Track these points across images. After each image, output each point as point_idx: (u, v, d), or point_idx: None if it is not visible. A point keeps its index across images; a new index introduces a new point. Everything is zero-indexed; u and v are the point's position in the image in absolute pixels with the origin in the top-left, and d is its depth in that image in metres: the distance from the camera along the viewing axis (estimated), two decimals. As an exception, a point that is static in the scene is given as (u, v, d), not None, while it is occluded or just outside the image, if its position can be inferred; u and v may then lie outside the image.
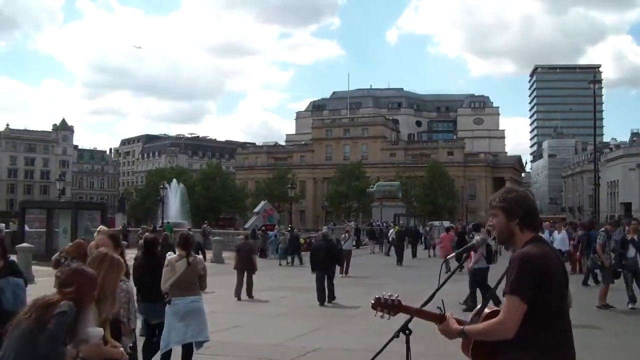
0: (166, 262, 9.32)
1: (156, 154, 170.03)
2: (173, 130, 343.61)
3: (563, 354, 3.93)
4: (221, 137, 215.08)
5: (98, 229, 13.69)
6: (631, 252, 16.88)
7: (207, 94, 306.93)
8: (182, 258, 9.23)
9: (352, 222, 71.42)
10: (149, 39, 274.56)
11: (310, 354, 11.61)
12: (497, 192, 4.26)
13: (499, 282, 4.17)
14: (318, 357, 11.36)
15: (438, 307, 4.09)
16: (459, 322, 4.05)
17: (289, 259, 36.23)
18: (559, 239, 25.53)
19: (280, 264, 35.49)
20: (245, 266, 20.05)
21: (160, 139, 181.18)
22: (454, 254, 4.97)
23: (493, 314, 3.96)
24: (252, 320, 16.01)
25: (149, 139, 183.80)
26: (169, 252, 10.90)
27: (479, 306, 4.16)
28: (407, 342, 4.14)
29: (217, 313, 16.47)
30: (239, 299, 19.43)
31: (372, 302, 4.10)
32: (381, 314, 4.08)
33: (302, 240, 40.48)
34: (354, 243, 38.67)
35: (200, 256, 10.24)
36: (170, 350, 9.26)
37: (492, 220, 4.17)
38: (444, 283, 4.14)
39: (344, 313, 14.68)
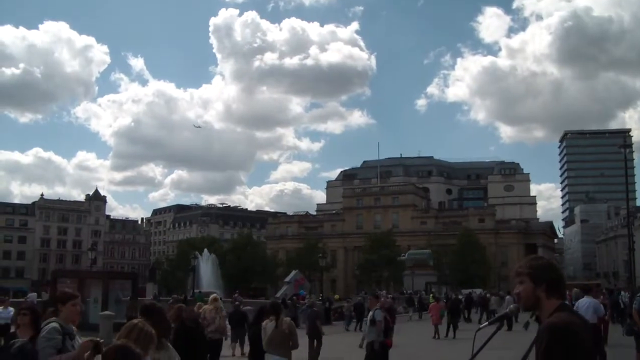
0: (263, 328, 11.37)
1: (187, 223, 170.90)
2: (204, 200, 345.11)
3: None
4: (252, 206, 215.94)
5: (212, 296, 18.95)
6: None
7: (238, 165, 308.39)
8: (271, 321, 11.12)
9: (384, 291, 71.13)
10: (181, 110, 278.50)
11: None
12: (523, 260, 4.31)
13: (528, 352, 4.04)
14: None
15: None
16: None
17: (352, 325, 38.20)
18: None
19: (347, 330, 37.28)
20: (313, 333, 20.95)
21: (191, 208, 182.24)
22: (486, 323, 5.03)
23: None
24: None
25: (180, 209, 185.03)
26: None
27: None
28: None
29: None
30: None
31: None
32: None
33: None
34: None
35: (288, 318, 12.11)
36: None
37: (519, 287, 4.16)
38: (477, 353, 4.24)
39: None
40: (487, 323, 4.95)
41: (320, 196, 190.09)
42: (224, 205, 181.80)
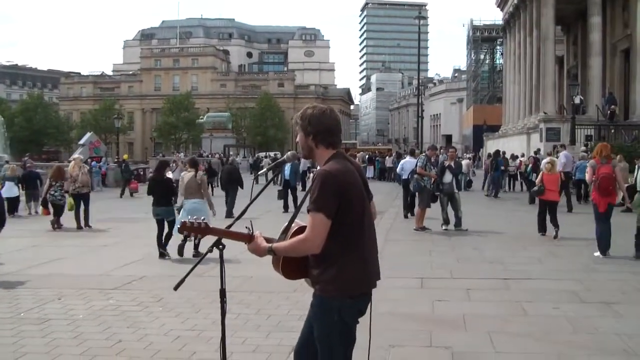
0: (181, 177, 14.73)
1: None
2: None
3: (368, 264, 4.08)
4: (43, 65, 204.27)
5: (74, 156, 23.38)
6: (448, 177, 18.04)
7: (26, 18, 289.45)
8: (189, 173, 14.16)
9: (182, 154, 70.60)
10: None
11: (136, 281, 11.32)
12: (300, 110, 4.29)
13: (303, 199, 4.22)
14: (143, 285, 11.05)
15: (246, 227, 4.16)
16: (268, 240, 4.13)
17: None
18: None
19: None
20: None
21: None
22: (265, 169, 5.11)
23: (300, 230, 4.03)
24: (76, 252, 15.39)
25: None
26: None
27: (286, 223, 4.19)
28: (221, 256, 4.18)
29: (40, 247, 15.85)
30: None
31: (179, 227, 4.20)
32: (189, 237, 4.21)
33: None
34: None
35: (202, 172, 14.89)
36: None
37: (298, 138, 4.25)
38: (253, 200, 4.22)
39: (171, 241, 14.49)
40: (266, 170, 4.97)
41: (117, 56, 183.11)
42: (11, 63, 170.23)
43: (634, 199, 14.25)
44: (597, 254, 13.32)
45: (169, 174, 16.15)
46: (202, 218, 4.18)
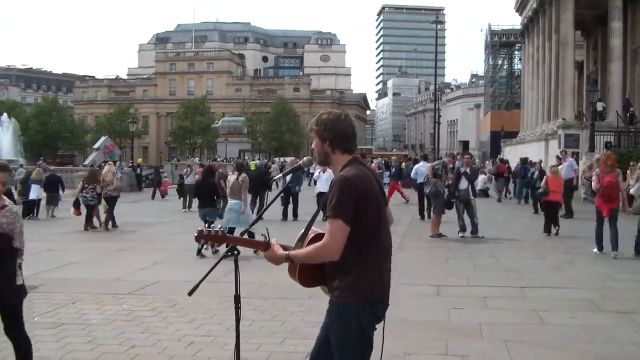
0: (228, 179, 16.58)
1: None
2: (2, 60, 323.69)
3: (383, 270, 4.09)
4: (58, 69, 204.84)
5: (109, 162, 26.53)
6: (463, 184, 17.89)
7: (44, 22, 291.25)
8: (234, 175, 15.77)
9: (197, 158, 70.70)
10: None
11: (150, 286, 11.30)
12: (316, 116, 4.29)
13: (322, 205, 4.17)
14: (157, 290, 11.03)
15: (263, 235, 4.17)
16: (284, 247, 4.13)
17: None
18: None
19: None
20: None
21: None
22: (280, 174, 5.27)
23: (317, 237, 4.04)
24: (91, 256, 15.44)
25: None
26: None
27: (302, 231, 4.19)
28: (236, 262, 4.21)
29: (54, 251, 15.89)
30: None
31: (195, 234, 4.17)
32: (206, 245, 4.24)
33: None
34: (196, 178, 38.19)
35: (245, 174, 15.95)
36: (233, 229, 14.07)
37: (313, 144, 4.25)
38: (268, 206, 4.50)
39: (185, 246, 14.59)
40: (281, 175, 5.27)
41: (132, 60, 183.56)
42: (26, 66, 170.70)
43: (635, 205, 16.02)
44: (595, 250, 14.71)
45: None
46: (220, 226, 4.19)
